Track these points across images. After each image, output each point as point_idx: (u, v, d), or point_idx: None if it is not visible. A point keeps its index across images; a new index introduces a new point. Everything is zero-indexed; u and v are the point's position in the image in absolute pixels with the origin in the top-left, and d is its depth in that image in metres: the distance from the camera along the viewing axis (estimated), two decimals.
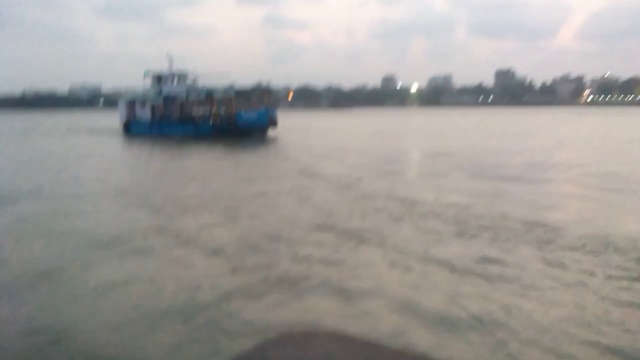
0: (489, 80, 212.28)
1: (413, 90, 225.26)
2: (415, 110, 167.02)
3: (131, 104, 40.98)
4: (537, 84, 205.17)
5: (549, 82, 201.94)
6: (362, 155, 21.41)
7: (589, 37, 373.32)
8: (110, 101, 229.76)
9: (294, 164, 16.74)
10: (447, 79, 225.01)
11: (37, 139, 35.83)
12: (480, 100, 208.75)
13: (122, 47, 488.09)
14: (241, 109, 34.70)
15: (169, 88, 38.78)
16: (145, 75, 39.77)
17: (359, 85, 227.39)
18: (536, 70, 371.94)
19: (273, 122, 33.97)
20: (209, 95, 35.90)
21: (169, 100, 38.45)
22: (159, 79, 39.49)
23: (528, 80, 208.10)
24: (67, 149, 26.82)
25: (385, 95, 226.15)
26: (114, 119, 44.21)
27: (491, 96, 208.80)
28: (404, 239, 7.72)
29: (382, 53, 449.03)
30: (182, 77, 39.89)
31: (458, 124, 54.67)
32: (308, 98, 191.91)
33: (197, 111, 36.65)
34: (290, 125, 45.45)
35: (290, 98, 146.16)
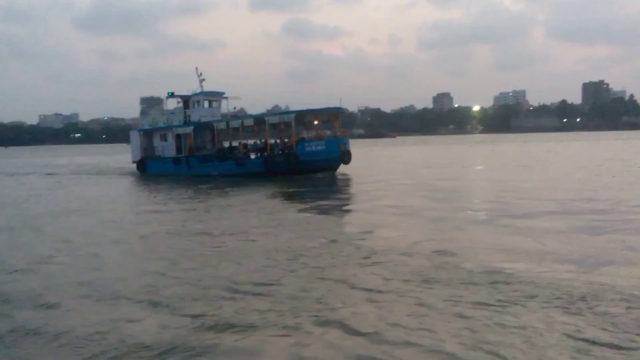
0: (574, 97, 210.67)
1: (475, 111, 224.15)
2: (478, 137, 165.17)
3: (147, 135, 40.03)
4: None
5: None
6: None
7: None
8: (89, 133, 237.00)
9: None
10: (519, 96, 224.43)
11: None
12: (563, 122, 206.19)
13: (108, 67, 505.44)
14: (302, 138, 33.27)
15: (200, 113, 37.74)
16: (169, 96, 38.91)
17: (404, 106, 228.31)
18: (637, 83, 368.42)
19: (346, 156, 32.32)
20: (258, 121, 34.58)
21: (201, 129, 37.31)
22: (186, 101, 38.54)
23: (627, 95, 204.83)
24: (64, 202, 24.29)
25: (439, 119, 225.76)
26: (106, 155, 42.67)
27: (578, 117, 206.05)
28: None
29: (435, 65, 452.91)
30: (216, 99, 38.94)
31: (547, 155, 52.10)
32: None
33: (240, 143, 35.40)
34: None
35: None
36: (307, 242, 12.08)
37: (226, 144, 38.77)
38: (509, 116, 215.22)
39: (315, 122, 34.97)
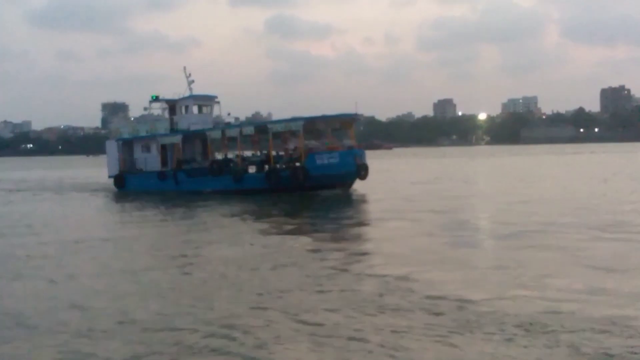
0: (592, 104, 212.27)
1: (480, 119, 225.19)
2: (484, 148, 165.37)
3: (127, 146, 38.88)
4: None
5: None
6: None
7: None
8: (44, 143, 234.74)
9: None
10: (530, 104, 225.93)
11: None
12: (580, 132, 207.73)
13: (65, 68, 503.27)
14: (310, 149, 32.35)
15: (189, 120, 36.72)
16: (152, 101, 37.83)
17: (401, 114, 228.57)
18: None
19: (363, 170, 31.44)
20: (259, 130, 33.60)
21: (190, 138, 36.26)
22: (172, 107, 37.53)
23: None
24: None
25: (440, 128, 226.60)
26: (70, 168, 41.75)
27: (596, 127, 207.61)
28: None
29: (436, 68, 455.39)
30: (207, 103, 37.98)
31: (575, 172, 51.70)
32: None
33: (238, 154, 34.41)
34: None
35: None
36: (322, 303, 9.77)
37: (218, 156, 37.78)
38: (519, 126, 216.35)
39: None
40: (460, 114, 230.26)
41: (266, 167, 33.22)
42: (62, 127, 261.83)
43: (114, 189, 38.15)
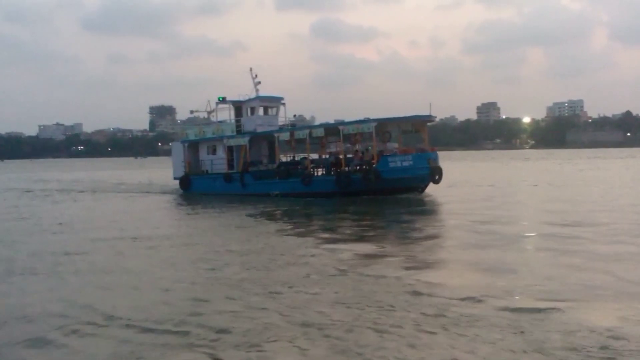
0: None
1: (525, 123, 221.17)
2: (529, 152, 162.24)
3: (193, 147, 38.37)
4: None
5: None
6: None
7: None
8: (93, 145, 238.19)
9: None
10: (576, 107, 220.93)
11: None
12: (627, 136, 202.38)
13: (116, 71, 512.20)
14: (382, 151, 31.34)
15: (255, 122, 35.99)
16: (219, 102, 37.22)
17: (445, 117, 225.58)
18: None
19: (437, 174, 30.28)
20: (330, 132, 32.66)
21: (257, 140, 35.51)
22: (238, 108, 36.84)
23: None
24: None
25: (484, 131, 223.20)
26: (127, 169, 41.79)
27: None
28: None
29: (481, 72, 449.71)
30: (273, 105, 37.21)
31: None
32: None
33: (307, 157, 33.57)
34: None
35: None
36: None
37: (283, 158, 37.07)
38: (564, 129, 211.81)
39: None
40: (504, 117, 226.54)
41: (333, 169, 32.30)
42: (111, 129, 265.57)
43: (180, 191, 37.73)
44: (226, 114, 37.98)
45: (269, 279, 11.89)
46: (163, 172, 59.38)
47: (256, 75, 36.93)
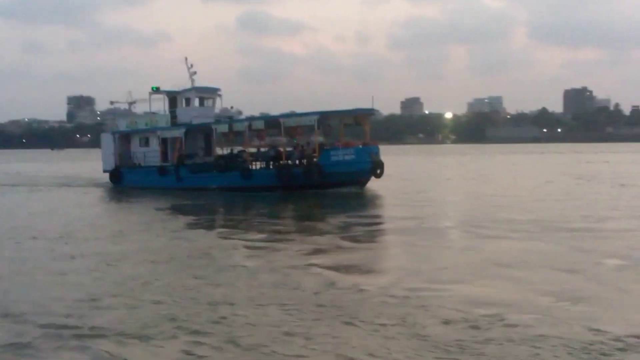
0: (556, 105, 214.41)
1: (447, 118, 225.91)
2: (451, 147, 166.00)
3: (124, 139, 36.74)
4: (627, 109, 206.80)
5: None
6: None
7: None
8: (7, 136, 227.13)
9: None
10: (495, 104, 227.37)
11: None
12: (543, 132, 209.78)
13: (32, 61, 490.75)
14: (324, 145, 30.85)
15: (191, 113, 34.76)
16: (153, 92, 35.73)
17: None
18: (625, 90, 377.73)
19: (379, 167, 30.07)
20: (270, 124, 31.84)
21: (193, 132, 34.29)
22: (173, 99, 35.50)
23: (612, 104, 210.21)
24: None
25: (407, 126, 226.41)
26: (48, 162, 40.16)
27: (559, 127, 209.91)
28: None
29: (405, 67, 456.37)
30: (209, 96, 36.07)
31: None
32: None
33: (247, 149, 32.72)
34: None
35: None
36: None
37: (220, 151, 35.95)
38: (484, 125, 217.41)
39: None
40: (427, 112, 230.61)
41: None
42: (26, 120, 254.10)
43: (110, 184, 36.09)
44: (159, 105, 36.63)
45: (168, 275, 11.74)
46: (89, 164, 57.08)
47: (192, 65, 35.76)
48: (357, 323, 8.24)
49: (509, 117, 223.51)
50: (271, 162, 31.51)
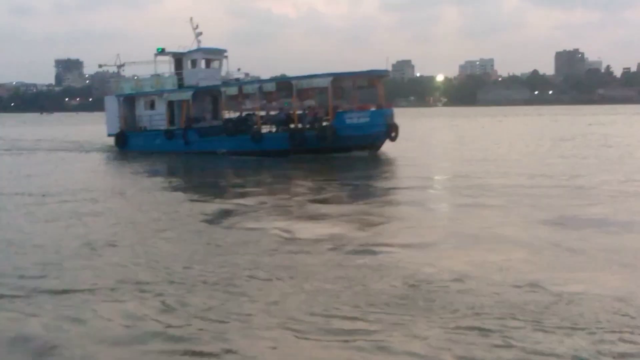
0: (547, 67, 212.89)
1: (438, 81, 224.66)
2: (441, 110, 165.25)
3: (129, 102, 35.75)
4: (618, 71, 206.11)
5: (634, 69, 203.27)
6: None
7: None
8: None
9: None
10: (487, 66, 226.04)
11: None
12: (534, 94, 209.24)
13: (19, 24, 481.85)
14: (337, 107, 30.10)
15: (198, 75, 33.77)
16: (158, 53, 34.61)
17: None
18: (616, 52, 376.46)
19: (393, 130, 29.46)
20: (282, 86, 30.96)
21: (200, 94, 33.36)
22: (179, 61, 34.43)
23: (604, 66, 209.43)
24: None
25: (398, 89, 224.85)
26: (41, 125, 39.39)
27: (550, 90, 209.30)
28: None
29: (397, 30, 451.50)
30: (216, 57, 35.07)
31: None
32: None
33: (257, 113, 31.84)
34: None
35: None
36: None
37: (227, 114, 35.07)
38: (475, 87, 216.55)
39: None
40: (418, 75, 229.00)
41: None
42: (14, 83, 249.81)
43: (115, 149, 35.25)
44: (164, 67, 35.56)
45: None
46: (87, 127, 56.09)
47: (197, 26, 34.67)
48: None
49: (500, 79, 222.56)
50: (281, 126, 30.82)
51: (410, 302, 7.42)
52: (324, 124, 29.34)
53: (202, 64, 34.30)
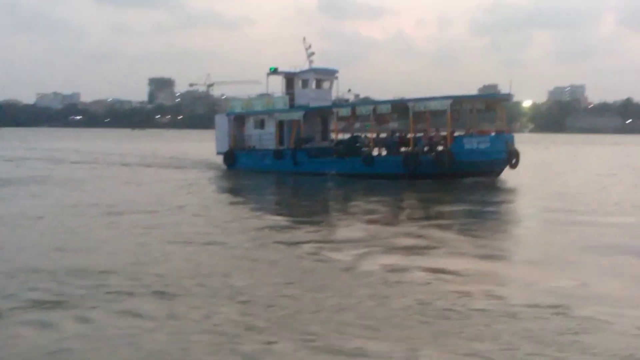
0: None
1: (525, 106, 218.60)
2: (527, 137, 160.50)
3: (239, 121, 35.71)
4: None
5: None
6: None
7: None
8: (91, 115, 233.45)
9: None
10: (577, 92, 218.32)
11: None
12: (626, 123, 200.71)
13: (118, 42, 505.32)
14: (453, 132, 28.93)
15: (309, 96, 33.31)
16: (271, 73, 34.42)
17: None
18: None
19: (514, 157, 28.01)
20: (398, 108, 30.06)
21: (312, 115, 32.88)
22: (290, 81, 34.12)
23: None
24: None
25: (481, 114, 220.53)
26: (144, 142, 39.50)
27: None
28: None
29: (486, 53, 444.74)
30: (327, 78, 34.53)
31: None
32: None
33: (370, 135, 31.04)
34: None
35: None
36: None
37: (333, 136, 34.46)
38: (564, 114, 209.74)
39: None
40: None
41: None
42: (110, 99, 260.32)
43: (222, 167, 35.22)
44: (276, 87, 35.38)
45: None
46: (192, 145, 56.88)
47: (310, 46, 34.25)
48: None
49: (590, 106, 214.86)
50: (394, 149, 29.85)
51: None
52: (439, 148, 28.30)
53: (314, 84, 33.81)
